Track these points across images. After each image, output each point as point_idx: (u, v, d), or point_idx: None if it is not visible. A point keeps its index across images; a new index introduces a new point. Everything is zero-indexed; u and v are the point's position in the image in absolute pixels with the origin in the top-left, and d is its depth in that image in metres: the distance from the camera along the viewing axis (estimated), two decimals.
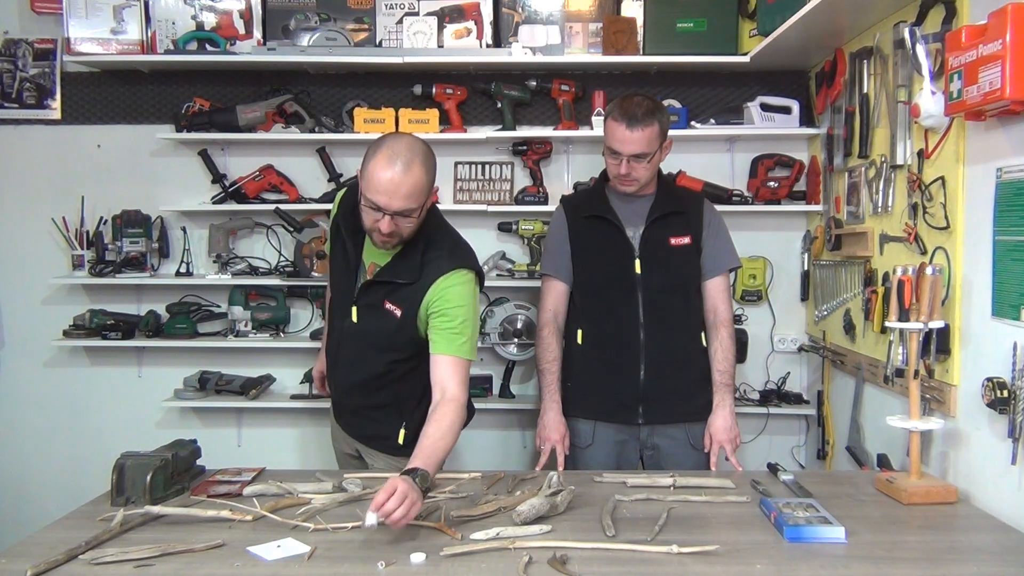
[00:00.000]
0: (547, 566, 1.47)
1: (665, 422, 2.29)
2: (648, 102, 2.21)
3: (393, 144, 1.85)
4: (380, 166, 1.82)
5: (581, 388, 2.35)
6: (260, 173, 3.10)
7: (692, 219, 2.33)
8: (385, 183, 1.81)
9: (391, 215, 1.84)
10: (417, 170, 1.83)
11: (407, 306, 1.99)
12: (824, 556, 1.52)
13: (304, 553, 1.53)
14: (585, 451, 2.34)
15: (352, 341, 2.10)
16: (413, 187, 1.83)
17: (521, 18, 3.09)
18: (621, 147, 2.19)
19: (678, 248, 2.29)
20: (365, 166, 1.85)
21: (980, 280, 1.86)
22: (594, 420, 2.32)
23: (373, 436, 2.19)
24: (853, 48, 2.58)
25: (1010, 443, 1.71)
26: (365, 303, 2.04)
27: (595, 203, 2.36)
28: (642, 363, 2.25)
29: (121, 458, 1.82)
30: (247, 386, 3.10)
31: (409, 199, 1.83)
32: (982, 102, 1.66)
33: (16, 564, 1.47)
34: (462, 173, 3.17)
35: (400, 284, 1.99)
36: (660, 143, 2.23)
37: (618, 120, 2.19)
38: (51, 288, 3.23)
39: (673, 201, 2.34)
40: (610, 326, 2.29)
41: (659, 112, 2.22)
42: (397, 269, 2.00)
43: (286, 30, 3.09)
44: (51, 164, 3.20)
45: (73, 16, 2.98)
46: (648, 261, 2.27)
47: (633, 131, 2.16)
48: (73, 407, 3.27)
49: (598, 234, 2.31)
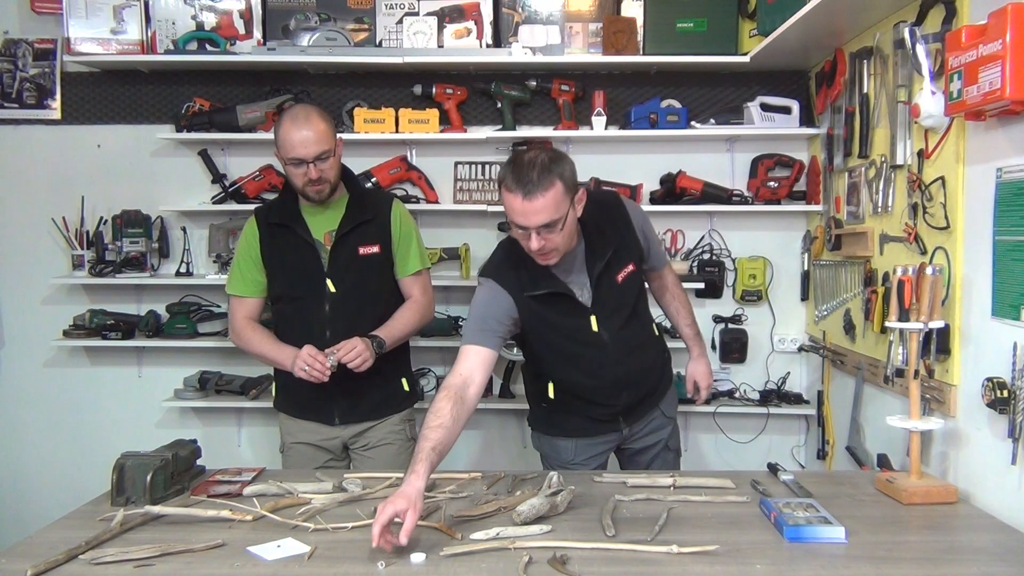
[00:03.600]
0: (547, 566, 1.47)
1: (642, 416, 2.24)
2: (543, 157, 1.86)
3: (292, 111, 2.22)
4: (287, 130, 2.17)
5: (559, 418, 2.23)
6: (260, 173, 3.10)
7: (630, 243, 2.11)
8: (296, 139, 2.15)
9: (312, 162, 2.16)
10: (316, 119, 2.18)
11: (382, 240, 2.32)
12: (824, 556, 1.52)
13: (304, 553, 1.53)
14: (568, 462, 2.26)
15: (336, 314, 2.26)
16: (320, 133, 2.17)
17: (521, 18, 3.09)
18: (523, 220, 1.85)
19: (626, 279, 2.10)
20: (277, 136, 2.19)
21: (980, 280, 1.86)
22: (575, 439, 2.22)
23: (380, 402, 2.36)
24: (853, 48, 2.58)
25: (1010, 443, 1.71)
26: (338, 266, 2.27)
27: (544, 281, 2.02)
28: (623, 390, 2.16)
29: (121, 458, 1.82)
30: (247, 386, 3.10)
31: (320, 143, 2.16)
32: (982, 102, 1.66)
33: (16, 564, 1.47)
34: (462, 173, 3.17)
35: (366, 223, 2.29)
36: (570, 200, 1.88)
37: (512, 190, 1.83)
38: (51, 288, 3.23)
39: (604, 242, 2.06)
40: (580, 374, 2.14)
41: (557, 165, 1.85)
42: (356, 214, 2.30)
43: (286, 30, 3.09)
44: (51, 164, 3.21)
45: (73, 16, 2.98)
46: (602, 310, 2.06)
47: (532, 200, 1.81)
48: (73, 407, 3.27)
49: (554, 308, 2.04)
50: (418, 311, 2.39)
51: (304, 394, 2.29)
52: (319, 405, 2.32)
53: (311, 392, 2.24)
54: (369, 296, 2.32)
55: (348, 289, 2.28)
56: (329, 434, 2.35)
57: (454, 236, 3.17)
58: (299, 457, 2.38)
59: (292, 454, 2.40)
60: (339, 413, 2.33)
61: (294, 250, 2.29)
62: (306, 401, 2.33)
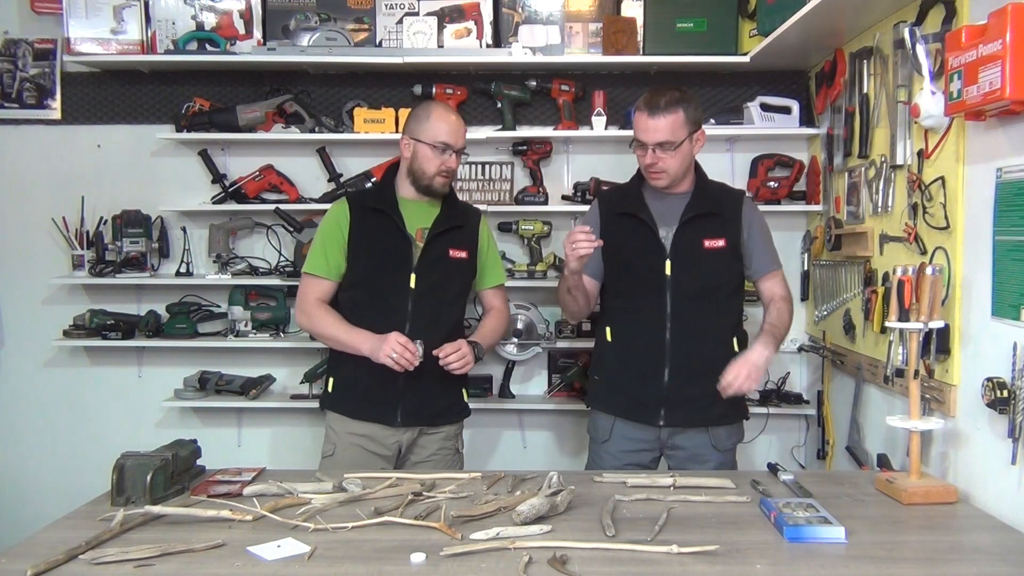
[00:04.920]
0: (547, 566, 1.47)
1: (686, 426, 2.26)
2: (675, 92, 2.19)
3: (435, 102, 2.39)
4: (442, 115, 2.27)
5: (606, 384, 2.36)
6: (260, 173, 3.10)
7: (728, 221, 2.27)
8: (453, 124, 2.26)
9: (456, 152, 2.27)
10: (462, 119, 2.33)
11: (469, 247, 2.38)
12: (824, 556, 1.52)
13: (304, 553, 1.53)
14: (601, 446, 2.34)
15: (418, 310, 2.26)
16: (465, 128, 2.31)
17: (521, 18, 3.09)
18: (644, 136, 2.17)
19: (711, 251, 2.23)
20: (424, 118, 2.26)
21: (980, 280, 1.86)
22: (613, 416, 2.31)
23: (444, 408, 2.36)
24: (853, 48, 2.58)
25: (1010, 443, 1.71)
26: (426, 263, 2.28)
27: (629, 200, 2.31)
28: (667, 366, 2.22)
29: (121, 458, 1.82)
30: (247, 386, 3.10)
31: (464, 136, 2.30)
32: (982, 102, 1.66)
33: (16, 564, 1.46)
34: (462, 173, 3.17)
35: (458, 228, 2.34)
36: (688, 132, 2.19)
37: (641, 109, 2.18)
38: (51, 288, 3.23)
39: (708, 201, 2.27)
40: (637, 327, 2.27)
41: (685, 102, 2.18)
42: (450, 216, 2.35)
43: (286, 30, 3.09)
44: (51, 164, 3.21)
45: (73, 16, 2.99)
46: (679, 263, 2.21)
47: (655, 119, 2.15)
48: (73, 407, 3.27)
49: (630, 233, 2.27)
50: (503, 322, 2.49)
51: (368, 390, 2.26)
52: (383, 403, 2.26)
53: (377, 388, 2.24)
54: (449, 298, 2.34)
55: (430, 287, 2.28)
56: (387, 437, 2.29)
57: None
58: (350, 461, 2.26)
59: (342, 457, 2.28)
60: (403, 413, 2.27)
61: (386, 239, 2.28)
62: (369, 398, 2.27)
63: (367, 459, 2.28)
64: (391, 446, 2.30)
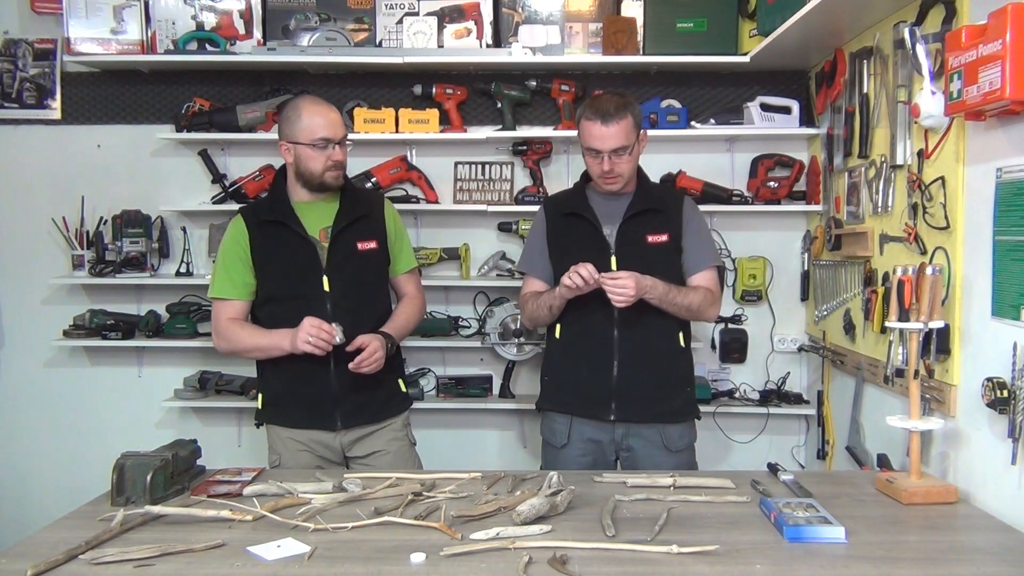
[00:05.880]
0: (547, 566, 1.47)
1: (637, 421, 2.28)
2: (618, 97, 2.23)
3: (302, 99, 2.26)
4: (313, 110, 2.18)
5: (556, 382, 2.38)
6: (260, 173, 3.10)
7: (671, 217, 2.31)
8: (327, 116, 2.18)
9: (339, 143, 2.19)
10: (330, 105, 2.23)
11: (378, 236, 2.31)
12: (824, 556, 1.52)
13: (304, 553, 1.53)
14: (561, 451, 2.33)
15: (339, 312, 2.19)
16: (339, 116, 2.23)
17: (521, 18, 3.09)
18: (600, 143, 2.19)
19: (655, 246, 2.28)
20: (294, 121, 2.18)
21: (980, 280, 1.86)
22: (569, 416, 2.32)
23: (384, 403, 2.32)
24: (853, 48, 2.58)
25: (1010, 443, 1.71)
26: (336, 263, 2.22)
27: (574, 202, 2.36)
28: (615, 359, 2.25)
29: (121, 458, 1.82)
30: (247, 386, 3.10)
31: (343, 126, 2.23)
32: (982, 102, 1.66)
33: (16, 564, 1.47)
34: (462, 173, 3.17)
35: (363, 218, 2.28)
36: (636, 135, 2.23)
37: (592, 119, 2.19)
38: (51, 288, 3.23)
39: (651, 198, 2.33)
40: (585, 322, 2.29)
41: (630, 106, 2.23)
42: (352, 208, 2.28)
43: (286, 30, 3.09)
44: (51, 164, 3.21)
45: (73, 16, 2.99)
46: (624, 258, 2.24)
47: (608, 126, 2.17)
48: (73, 407, 3.28)
49: (575, 232, 2.31)
50: (418, 308, 2.42)
51: (302, 399, 2.22)
52: (320, 410, 2.23)
53: (312, 396, 2.20)
54: (368, 293, 2.30)
55: (347, 286, 2.22)
56: (328, 441, 2.25)
57: (454, 236, 3.18)
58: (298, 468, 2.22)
59: (290, 466, 2.24)
60: (342, 417, 2.23)
61: (289, 248, 2.21)
62: (304, 407, 2.24)
63: (315, 463, 2.25)
64: (336, 449, 2.27)
